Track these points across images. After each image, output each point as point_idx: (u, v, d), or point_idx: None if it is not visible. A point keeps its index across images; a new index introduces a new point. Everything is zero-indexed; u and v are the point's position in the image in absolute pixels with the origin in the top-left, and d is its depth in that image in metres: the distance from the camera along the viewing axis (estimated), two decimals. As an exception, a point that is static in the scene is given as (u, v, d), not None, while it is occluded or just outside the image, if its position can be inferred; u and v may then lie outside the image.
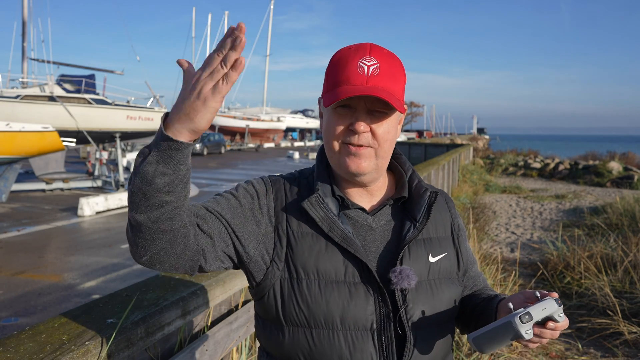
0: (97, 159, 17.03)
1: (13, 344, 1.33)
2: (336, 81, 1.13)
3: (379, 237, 1.20)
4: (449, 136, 74.34)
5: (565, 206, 13.45)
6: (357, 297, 1.12)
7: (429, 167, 9.17)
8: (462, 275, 1.29)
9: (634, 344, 4.46)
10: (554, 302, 1.02)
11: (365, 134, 1.12)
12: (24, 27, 17.36)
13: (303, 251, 1.15)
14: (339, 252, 1.14)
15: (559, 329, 1.03)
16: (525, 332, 1.00)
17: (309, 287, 1.13)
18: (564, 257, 6.53)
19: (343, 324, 1.11)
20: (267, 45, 57.32)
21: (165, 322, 1.68)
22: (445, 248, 1.24)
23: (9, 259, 7.97)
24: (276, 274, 1.15)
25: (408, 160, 1.31)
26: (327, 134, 1.17)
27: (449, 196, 1.36)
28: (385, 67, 1.12)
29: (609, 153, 27.74)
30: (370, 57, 1.12)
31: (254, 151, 40.59)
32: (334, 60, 1.16)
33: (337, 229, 1.14)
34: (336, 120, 1.14)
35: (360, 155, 1.13)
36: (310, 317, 1.12)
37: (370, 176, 1.17)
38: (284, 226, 1.17)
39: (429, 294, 1.17)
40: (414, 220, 1.21)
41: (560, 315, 1.03)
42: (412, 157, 25.84)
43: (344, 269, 1.14)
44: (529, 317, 1.00)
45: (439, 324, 1.19)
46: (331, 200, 1.18)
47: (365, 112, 1.12)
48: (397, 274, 1.12)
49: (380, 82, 1.11)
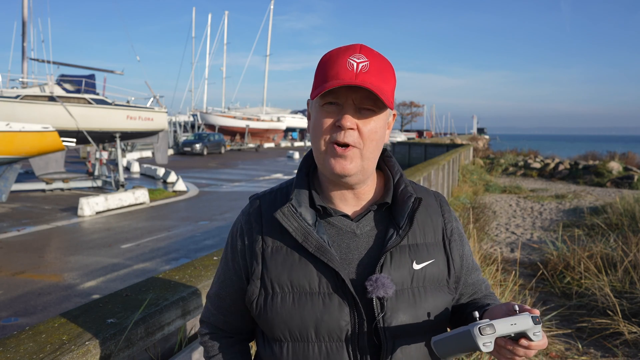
0: (97, 159, 17.04)
1: (13, 344, 1.33)
2: (325, 77, 1.10)
3: (362, 244, 1.17)
4: (449, 136, 74.29)
5: (565, 206, 13.45)
6: (331, 308, 1.11)
7: (429, 167, 9.17)
8: (454, 282, 1.23)
9: (634, 344, 4.46)
10: (529, 319, 0.97)
11: (352, 131, 1.09)
12: (24, 27, 17.35)
13: (277, 266, 1.15)
14: (313, 263, 1.13)
15: (534, 349, 0.99)
16: (483, 344, 0.94)
17: (283, 301, 1.13)
18: (564, 257, 6.53)
19: (317, 336, 1.11)
20: (267, 45, 57.29)
21: (165, 322, 1.68)
22: (432, 254, 1.20)
23: (9, 259, 7.97)
24: (254, 292, 1.17)
25: (408, 160, 1.29)
26: (314, 131, 1.15)
27: (445, 200, 1.32)
28: (374, 65, 1.10)
29: (609, 153, 27.71)
30: (360, 54, 1.10)
31: (254, 151, 40.59)
32: (324, 59, 1.14)
33: (312, 238, 1.12)
34: (323, 117, 1.12)
35: (345, 157, 1.10)
36: (285, 330, 1.12)
37: (356, 177, 1.14)
38: (260, 245, 1.18)
39: (411, 302, 1.14)
40: (397, 226, 1.17)
41: (535, 334, 0.97)
42: (412, 157, 25.76)
43: (318, 280, 1.12)
44: (490, 330, 0.94)
45: (422, 333, 1.15)
46: (306, 210, 1.16)
47: (353, 109, 1.10)
48: (372, 282, 1.09)
49: (370, 78, 1.08)
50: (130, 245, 9.04)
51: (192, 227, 10.72)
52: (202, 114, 47.68)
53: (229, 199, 14.89)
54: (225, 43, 56.45)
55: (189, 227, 10.72)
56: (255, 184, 18.69)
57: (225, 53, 56.55)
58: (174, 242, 9.34)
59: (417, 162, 19.58)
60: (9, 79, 16.36)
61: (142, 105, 17.32)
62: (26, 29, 17.32)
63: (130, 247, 8.90)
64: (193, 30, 60.96)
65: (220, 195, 15.55)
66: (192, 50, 60.76)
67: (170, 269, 2.20)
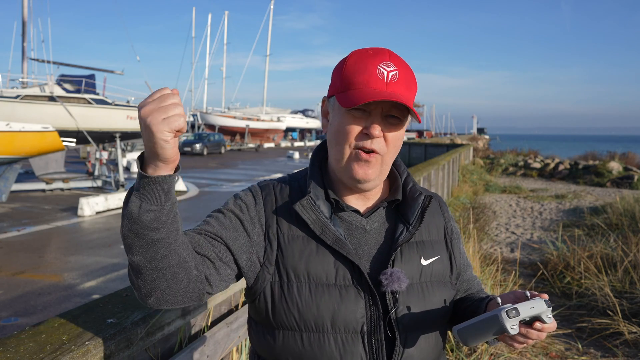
0: (97, 159, 17.03)
1: (13, 344, 1.33)
2: (353, 82, 1.11)
3: (372, 240, 1.20)
4: (449, 136, 74.32)
5: (565, 206, 13.45)
6: (348, 300, 1.12)
7: (429, 167, 9.17)
8: (455, 278, 1.29)
9: (634, 344, 4.46)
10: (543, 303, 1.02)
11: (379, 139, 1.12)
12: (24, 27, 17.34)
13: (294, 254, 1.15)
14: (331, 255, 1.14)
15: (546, 331, 1.03)
16: (511, 327, 1.00)
17: (300, 290, 1.13)
18: (564, 257, 6.53)
19: (333, 327, 1.12)
20: (267, 45, 57.35)
21: (165, 322, 1.68)
22: (437, 251, 1.25)
23: (9, 259, 7.97)
24: (267, 277, 1.15)
25: (408, 160, 1.31)
26: (337, 136, 1.15)
27: (442, 200, 1.37)
28: (402, 74, 1.12)
29: (609, 153, 27.71)
30: (389, 62, 1.12)
31: (253, 151, 40.59)
32: (351, 61, 1.14)
33: (329, 231, 1.14)
34: (350, 123, 1.12)
35: (369, 163, 1.13)
36: (300, 320, 1.12)
37: (373, 183, 1.17)
38: (275, 230, 1.17)
39: (421, 297, 1.17)
40: (407, 223, 1.21)
41: (548, 317, 1.02)
42: (412, 157, 25.71)
43: (335, 272, 1.13)
44: (515, 313, 1.00)
45: (430, 326, 1.19)
46: (323, 203, 1.17)
47: (380, 117, 1.12)
48: (387, 276, 1.12)
49: (399, 89, 1.11)
50: (130, 245, 9.03)
51: (192, 227, 10.71)
52: (202, 114, 47.72)
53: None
54: (225, 43, 56.52)
55: (189, 227, 10.70)
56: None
57: (225, 53, 56.63)
58: (174, 242, 9.34)
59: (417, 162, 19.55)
60: (9, 79, 16.38)
61: (142, 105, 17.28)
62: (26, 29, 17.32)
63: (130, 247, 8.90)
64: (193, 30, 61.02)
65: (221, 195, 15.55)
66: (192, 50, 60.77)
67: (170, 269, 2.20)
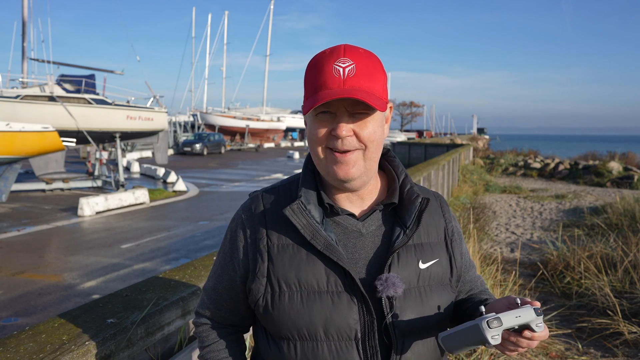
0: (97, 159, 17.04)
1: (13, 344, 1.33)
2: (313, 87, 1.10)
3: (369, 244, 1.17)
4: (449, 136, 74.28)
5: (565, 206, 13.45)
6: (340, 306, 1.10)
7: (429, 167, 9.17)
8: (456, 280, 1.25)
9: (634, 344, 4.46)
10: (532, 311, 1.00)
11: (349, 138, 1.09)
12: (24, 27, 17.34)
13: (284, 263, 1.13)
14: (321, 261, 1.12)
15: (536, 339, 1.01)
16: (492, 337, 0.97)
17: (291, 299, 1.11)
18: (564, 257, 6.53)
19: (327, 334, 1.10)
20: (267, 45, 57.27)
21: (165, 322, 1.68)
22: (437, 254, 1.21)
23: (9, 259, 7.97)
24: (260, 289, 1.15)
25: (408, 160, 1.29)
26: (310, 142, 1.14)
27: (444, 200, 1.33)
28: (361, 66, 1.09)
29: (609, 153, 27.71)
30: (345, 58, 1.09)
31: (254, 151, 40.58)
32: (310, 65, 1.13)
33: (320, 236, 1.11)
34: (317, 127, 1.11)
35: (347, 162, 1.10)
36: (293, 329, 1.11)
37: (360, 180, 1.14)
38: (265, 242, 1.16)
39: (418, 301, 1.15)
40: (404, 226, 1.17)
41: (538, 325, 1.00)
42: (412, 157, 25.76)
43: (326, 278, 1.12)
44: (497, 323, 0.97)
45: (429, 331, 1.16)
46: (315, 207, 1.15)
47: (346, 115, 1.09)
48: (382, 281, 1.10)
49: (358, 82, 1.07)
50: (130, 245, 9.03)
51: (192, 227, 10.72)
52: (202, 114, 47.67)
53: (229, 199, 14.89)
54: (225, 43, 56.45)
55: (189, 227, 10.72)
56: (255, 184, 18.69)
57: (225, 53, 56.56)
58: (174, 242, 9.34)
59: (417, 162, 19.56)
60: (9, 79, 16.36)
61: (142, 105, 17.32)
62: (26, 29, 17.31)
63: (130, 247, 8.90)
64: (193, 30, 61.05)
65: (220, 195, 15.55)
66: (192, 50, 60.91)
67: (170, 269, 2.20)
